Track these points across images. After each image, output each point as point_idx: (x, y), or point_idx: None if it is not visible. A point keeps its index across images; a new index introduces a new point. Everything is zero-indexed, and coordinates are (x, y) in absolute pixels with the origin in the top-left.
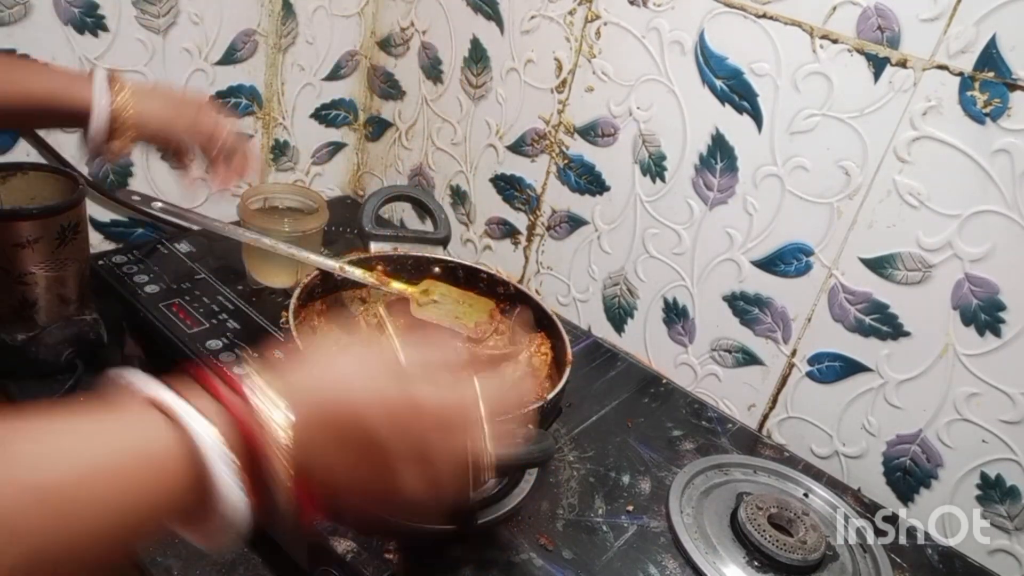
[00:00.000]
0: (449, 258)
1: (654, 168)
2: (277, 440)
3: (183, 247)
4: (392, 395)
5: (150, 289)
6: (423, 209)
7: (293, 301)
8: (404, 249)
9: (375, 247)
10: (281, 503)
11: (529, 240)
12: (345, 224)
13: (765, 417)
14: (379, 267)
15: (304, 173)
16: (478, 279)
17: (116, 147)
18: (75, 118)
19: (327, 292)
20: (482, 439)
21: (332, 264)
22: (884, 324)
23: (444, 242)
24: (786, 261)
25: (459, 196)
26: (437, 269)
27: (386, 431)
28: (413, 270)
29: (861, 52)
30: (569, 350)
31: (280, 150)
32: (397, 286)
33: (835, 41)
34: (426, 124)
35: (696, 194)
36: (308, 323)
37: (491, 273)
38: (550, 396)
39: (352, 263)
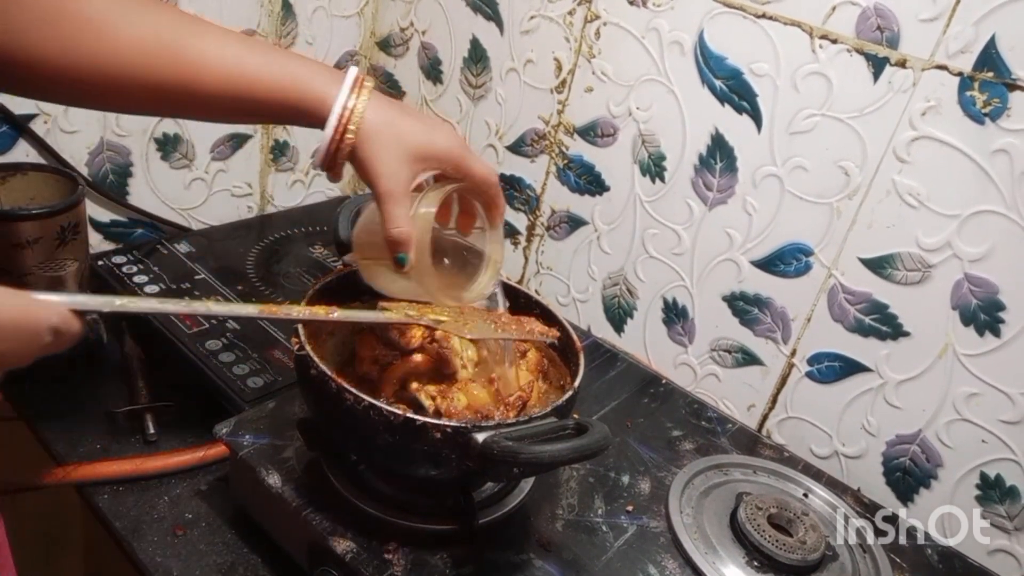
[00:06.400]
0: None
1: (654, 168)
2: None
3: (183, 247)
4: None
5: (150, 289)
6: None
7: (302, 331)
8: None
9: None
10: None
11: (529, 240)
12: None
13: (765, 417)
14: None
15: (304, 174)
16: None
17: (338, 169)
18: (308, 118)
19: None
20: None
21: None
22: (884, 324)
23: None
24: (786, 261)
25: None
26: None
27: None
28: None
29: (860, 52)
30: (576, 338)
31: (280, 151)
32: (430, 317)
33: (834, 41)
34: None
35: (696, 194)
36: (320, 337)
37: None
38: (576, 383)
39: (381, 305)
